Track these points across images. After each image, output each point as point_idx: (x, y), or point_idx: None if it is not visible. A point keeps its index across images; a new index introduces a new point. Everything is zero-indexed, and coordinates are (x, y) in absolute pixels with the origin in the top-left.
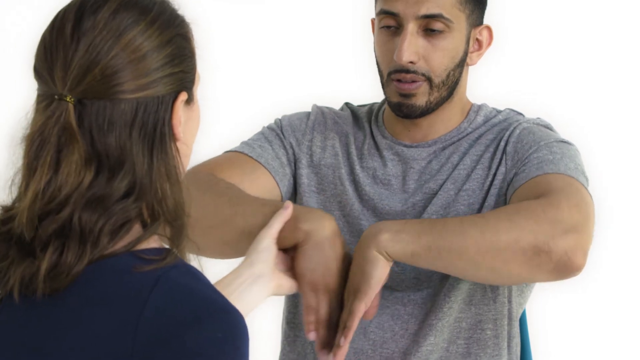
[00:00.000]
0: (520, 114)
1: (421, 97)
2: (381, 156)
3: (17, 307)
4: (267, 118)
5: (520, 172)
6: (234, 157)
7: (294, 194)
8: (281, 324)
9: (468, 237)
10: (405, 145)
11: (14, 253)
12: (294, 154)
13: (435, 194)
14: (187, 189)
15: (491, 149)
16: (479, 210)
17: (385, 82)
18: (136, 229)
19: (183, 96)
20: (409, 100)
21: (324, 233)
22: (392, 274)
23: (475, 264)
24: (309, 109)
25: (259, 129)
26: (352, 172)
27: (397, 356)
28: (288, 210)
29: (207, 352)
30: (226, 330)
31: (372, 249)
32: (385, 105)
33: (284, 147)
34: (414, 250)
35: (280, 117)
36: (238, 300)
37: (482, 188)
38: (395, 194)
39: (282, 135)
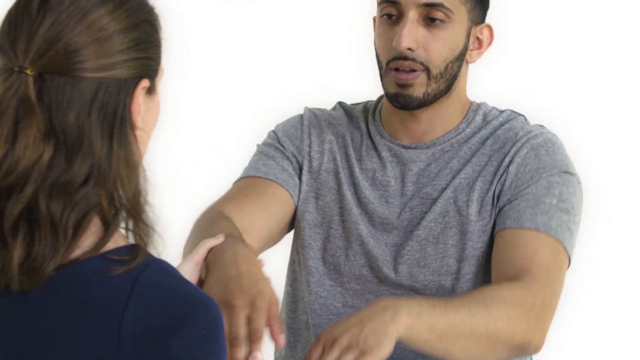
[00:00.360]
0: (522, 115)
1: (419, 87)
2: (380, 157)
3: None
4: (260, 116)
5: (515, 205)
6: (243, 184)
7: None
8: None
9: (474, 332)
10: (404, 147)
11: None
12: (297, 162)
13: (434, 200)
14: (145, 171)
15: (494, 163)
16: (473, 218)
17: (384, 73)
18: (96, 224)
19: (145, 83)
20: (406, 91)
21: (225, 253)
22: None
23: (467, 351)
24: (301, 111)
25: (253, 127)
26: (351, 175)
27: None
28: (217, 240)
29: (194, 351)
30: (207, 325)
31: (394, 327)
32: (383, 101)
33: (288, 159)
34: (427, 338)
35: (273, 130)
36: None
37: (481, 200)
38: (394, 197)
39: (282, 148)
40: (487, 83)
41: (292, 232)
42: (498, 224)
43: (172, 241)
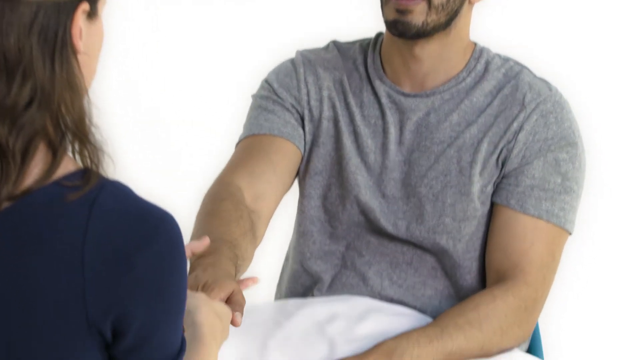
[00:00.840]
0: (525, 67)
1: (418, 15)
2: (379, 103)
3: None
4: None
5: (521, 182)
6: (248, 144)
7: None
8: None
9: (471, 354)
10: (404, 94)
11: None
12: (298, 112)
13: (436, 156)
14: (90, 102)
15: (501, 125)
16: (475, 179)
17: (385, 1)
18: (42, 148)
19: (85, 6)
20: (405, 17)
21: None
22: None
23: None
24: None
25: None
26: (351, 122)
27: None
28: (202, 243)
29: (158, 268)
30: (169, 240)
31: None
32: (383, 38)
33: (288, 110)
34: None
35: (266, 79)
36: None
37: (484, 162)
38: (393, 144)
39: (280, 100)
40: (492, 29)
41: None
42: (500, 196)
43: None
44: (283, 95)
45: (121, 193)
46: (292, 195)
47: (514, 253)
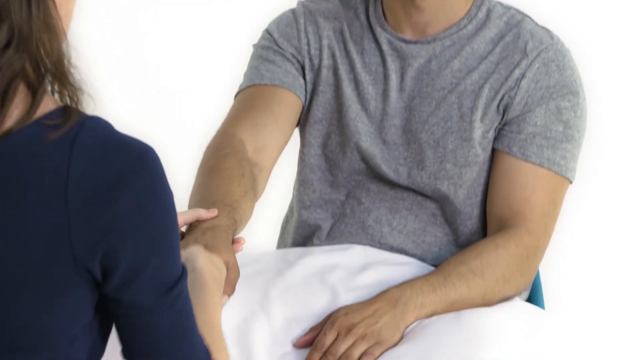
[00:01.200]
0: (527, 16)
1: None
2: (380, 50)
3: None
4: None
5: (523, 129)
6: (250, 94)
7: None
8: None
9: (473, 302)
10: (405, 41)
11: None
12: (298, 62)
13: (437, 102)
14: (68, 44)
15: (502, 72)
16: (476, 125)
17: None
18: (22, 92)
19: None
20: None
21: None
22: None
23: None
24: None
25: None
26: (352, 70)
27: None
28: (209, 213)
29: (142, 201)
30: (151, 173)
31: (403, 324)
32: None
33: (289, 60)
34: (426, 315)
35: (267, 29)
36: None
37: (485, 108)
38: (394, 91)
39: (280, 50)
40: None
41: None
42: (502, 142)
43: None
44: (284, 46)
45: (101, 128)
46: (295, 144)
47: (516, 201)
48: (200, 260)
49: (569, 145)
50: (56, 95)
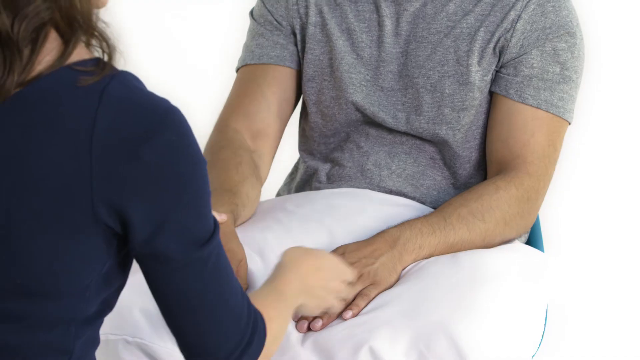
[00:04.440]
0: None
1: None
2: None
3: None
4: None
5: (520, 72)
6: (242, 77)
7: None
8: None
9: (473, 245)
10: None
11: None
12: (289, 24)
13: (433, 46)
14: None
15: (498, 14)
16: (473, 69)
17: None
18: (55, 39)
19: None
20: None
21: None
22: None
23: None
24: None
25: None
26: (344, 21)
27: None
28: (220, 217)
29: (167, 158)
30: (176, 130)
31: (400, 265)
32: None
33: (278, 27)
34: (424, 257)
35: None
36: None
37: (482, 51)
38: (389, 36)
39: (271, 17)
40: None
41: None
42: (499, 85)
43: None
44: (273, 9)
45: (131, 84)
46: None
47: (515, 144)
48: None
49: (567, 87)
50: (89, 48)
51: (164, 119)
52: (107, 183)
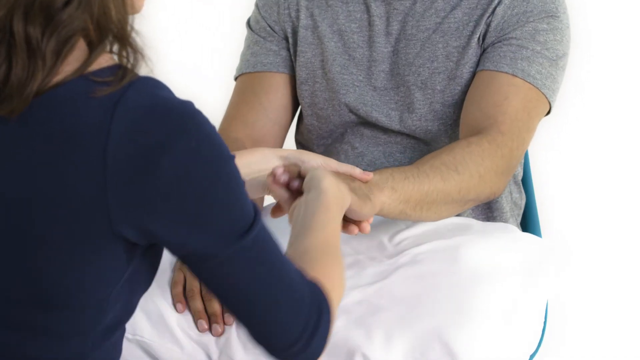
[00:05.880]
0: None
1: None
2: None
3: None
4: None
5: (497, 48)
6: (240, 86)
7: None
8: None
9: (447, 196)
10: None
11: None
12: (282, 29)
13: (422, 43)
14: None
15: (483, 4)
16: (462, 63)
17: None
18: (81, 49)
19: None
20: None
21: None
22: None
23: (439, 213)
24: None
25: None
26: (335, 22)
27: None
28: (364, 174)
29: (188, 165)
30: (197, 136)
31: (373, 196)
32: None
33: (272, 34)
34: (402, 209)
35: (256, 1)
36: None
37: (468, 43)
38: (379, 36)
39: (265, 23)
40: None
41: None
42: (479, 66)
43: None
44: (267, 14)
45: (149, 90)
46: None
47: (488, 106)
48: (326, 181)
49: (547, 63)
50: (115, 58)
51: (181, 125)
52: (124, 200)
